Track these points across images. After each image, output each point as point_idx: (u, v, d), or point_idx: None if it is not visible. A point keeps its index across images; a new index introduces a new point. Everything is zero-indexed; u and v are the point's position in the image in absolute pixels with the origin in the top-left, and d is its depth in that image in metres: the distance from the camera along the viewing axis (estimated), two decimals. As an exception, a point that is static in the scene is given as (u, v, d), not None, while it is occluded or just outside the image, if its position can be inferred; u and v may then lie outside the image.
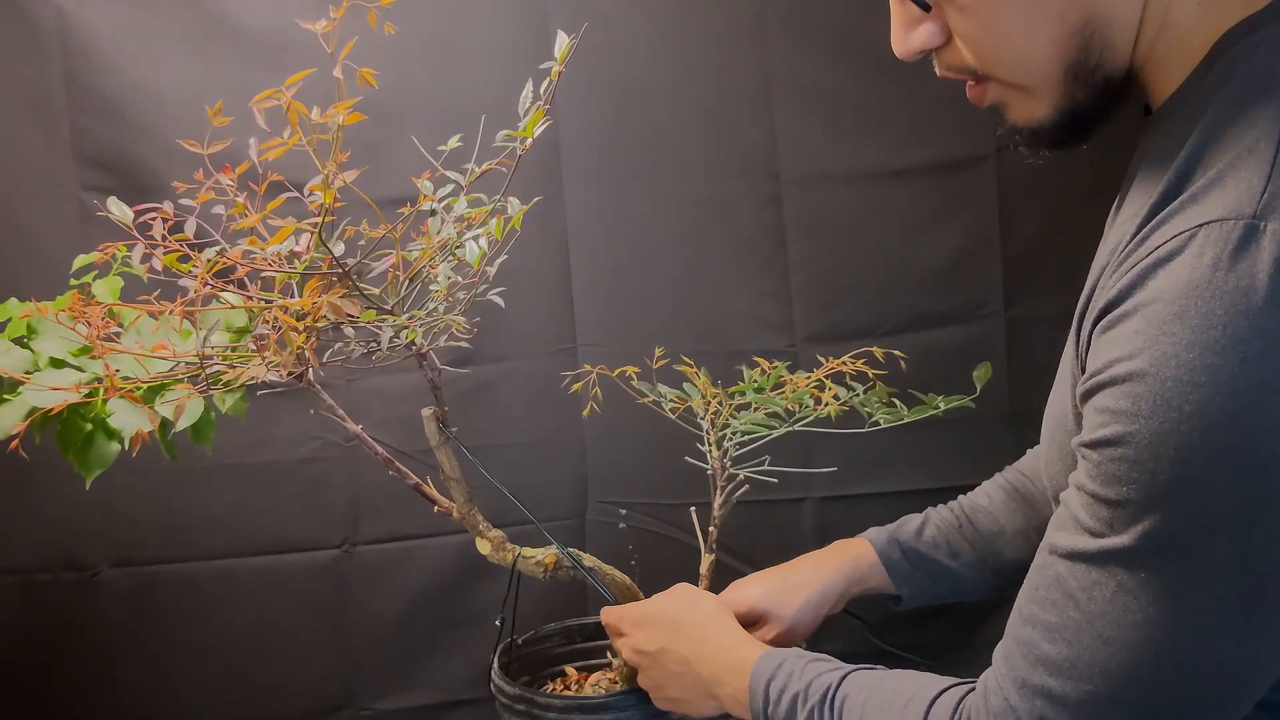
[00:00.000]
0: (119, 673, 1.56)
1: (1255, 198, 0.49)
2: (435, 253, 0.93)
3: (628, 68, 1.59)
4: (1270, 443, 0.46)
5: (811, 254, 1.62)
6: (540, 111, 0.89)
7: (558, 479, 1.63)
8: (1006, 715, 0.57)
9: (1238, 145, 0.52)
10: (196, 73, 1.50)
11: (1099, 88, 0.61)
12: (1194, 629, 0.50)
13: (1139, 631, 0.51)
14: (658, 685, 0.94)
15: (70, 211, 1.50)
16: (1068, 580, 0.54)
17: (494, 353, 1.58)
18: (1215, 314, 0.47)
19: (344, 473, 1.58)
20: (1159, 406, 0.48)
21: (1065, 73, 0.61)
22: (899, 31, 0.65)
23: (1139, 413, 0.49)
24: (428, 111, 1.53)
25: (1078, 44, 0.60)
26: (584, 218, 1.61)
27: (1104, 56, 0.60)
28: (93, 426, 0.90)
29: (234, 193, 0.84)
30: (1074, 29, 0.59)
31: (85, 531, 1.53)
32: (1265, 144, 0.51)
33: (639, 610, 0.97)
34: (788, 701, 0.75)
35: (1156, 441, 0.48)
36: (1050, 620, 0.55)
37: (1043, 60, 0.60)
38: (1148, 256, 0.51)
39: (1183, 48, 0.59)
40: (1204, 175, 0.53)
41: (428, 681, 1.63)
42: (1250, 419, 0.46)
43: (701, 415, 1.07)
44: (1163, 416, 0.48)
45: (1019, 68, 0.62)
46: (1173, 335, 0.48)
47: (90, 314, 0.85)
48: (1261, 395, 0.46)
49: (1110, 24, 0.59)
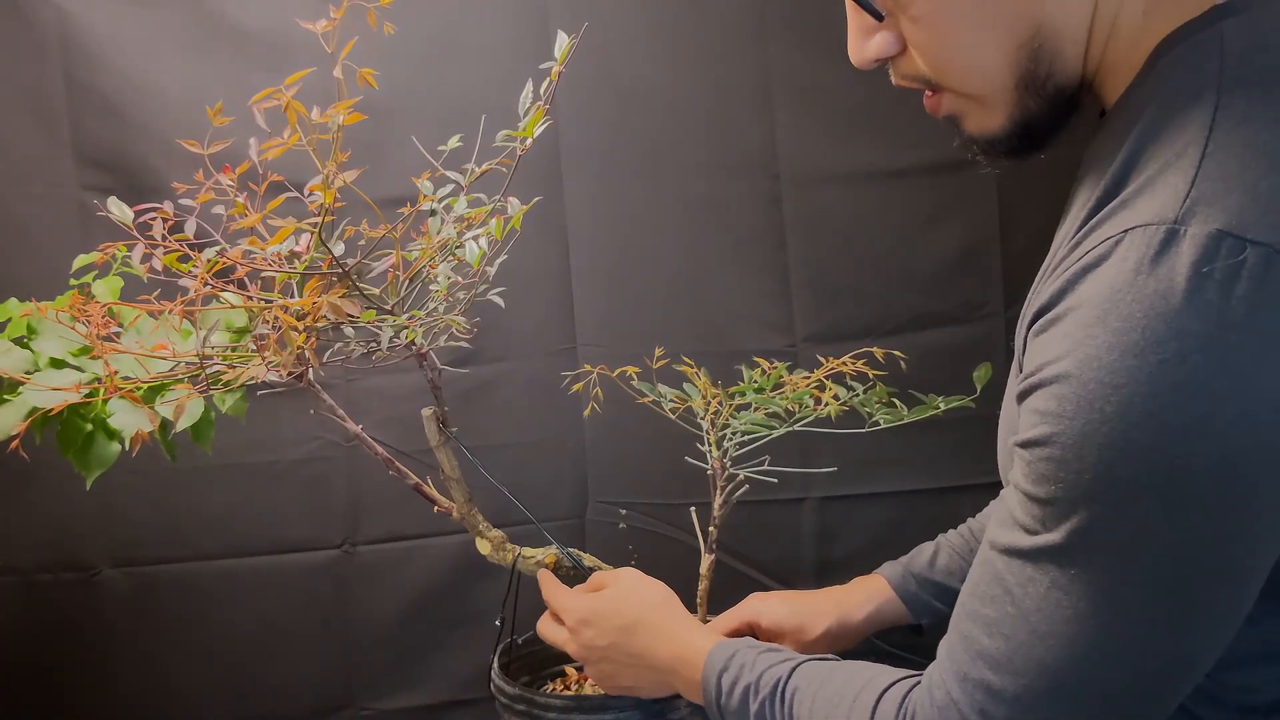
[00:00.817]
0: (119, 673, 1.56)
1: (1178, 203, 0.49)
2: (435, 253, 0.93)
3: (628, 68, 1.59)
4: (1189, 442, 0.47)
5: (811, 254, 1.62)
6: (540, 111, 0.89)
7: (558, 479, 1.63)
8: (949, 709, 0.58)
9: (1168, 152, 0.53)
10: (196, 73, 1.50)
11: (1051, 98, 0.62)
12: (1123, 624, 0.51)
13: (1071, 627, 0.52)
14: (609, 676, 0.93)
15: (70, 211, 1.50)
16: (1005, 576, 0.55)
17: (494, 353, 1.58)
18: (1135, 317, 0.48)
19: (344, 473, 1.58)
20: (1082, 408, 0.49)
21: (1017, 83, 0.61)
22: (855, 39, 0.67)
23: (1064, 414, 0.50)
24: (428, 111, 1.53)
25: (1028, 55, 0.60)
26: (584, 218, 1.61)
27: (1054, 67, 0.61)
28: (93, 427, 0.90)
29: (234, 193, 0.84)
30: (1023, 40, 0.59)
31: (85, 531, 1.53)
32: (1192, 150, 0.52)
33: (584, 608, 0.95)
34: (739, 694, 0.75)
35: (1080, 441, 0.49)
36: (989, 615, 0.56)
37: (994, 71, 0.61)
38: (1078, 262, 0.52)
39: (1129, 55, 0.60)
40: (1135, 181, 0.54)
41: (428, 681, 1.63)
42: (1170, 419, 0.47)
43: (701, 415, 1.07)
44: (1086, 417, 0.49)
45: (971, 78, 0.63)
46: (1095, 339, 0.49)
47: (90, 314, 0.85)
48: (1180, 396, 0.47)
49: (1059, 35, 0.59)
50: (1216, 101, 0.53)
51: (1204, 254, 0.47)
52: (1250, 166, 0.50)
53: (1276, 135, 0.51)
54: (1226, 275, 0.47)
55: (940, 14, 0.61)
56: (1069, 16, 0.59)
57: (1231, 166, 0.50)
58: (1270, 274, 0.47)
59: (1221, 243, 0.47)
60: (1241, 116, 0.52)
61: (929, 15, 0.61)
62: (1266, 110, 0.52)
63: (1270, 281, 0.47)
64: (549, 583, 1.01)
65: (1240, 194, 0.49)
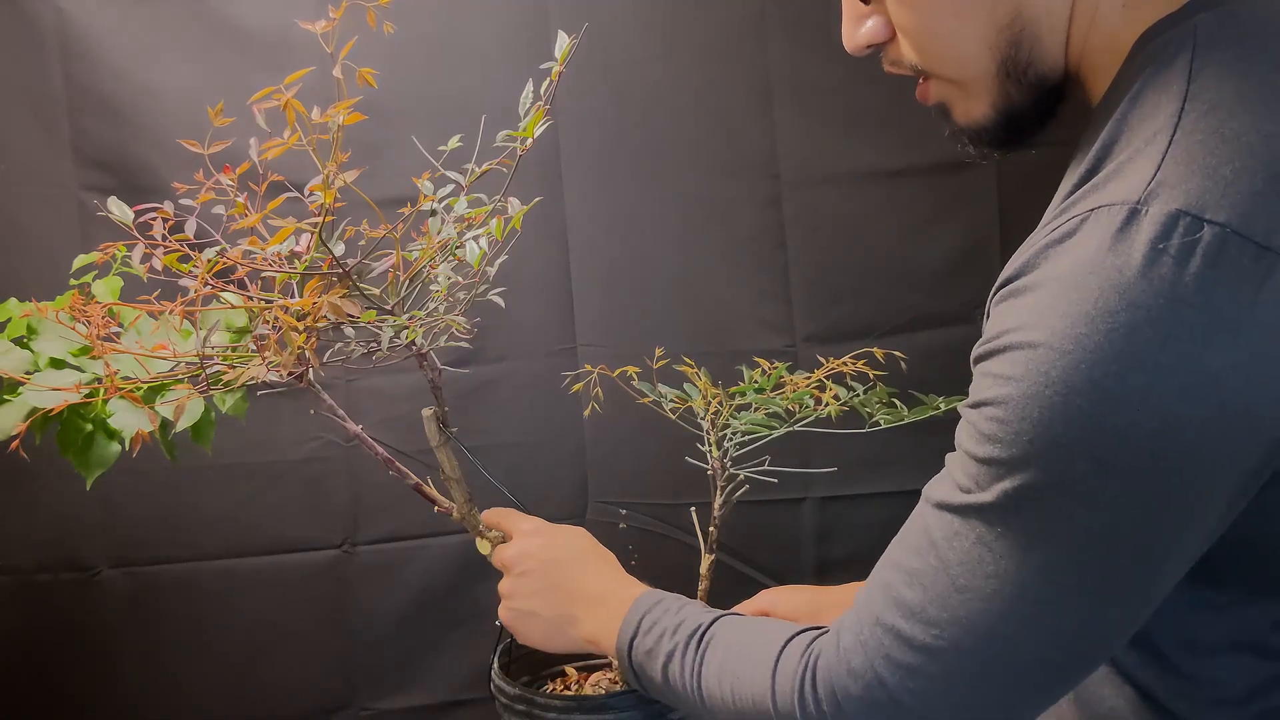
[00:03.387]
0: (119, 673, 1.56)
1: (1143, 185, 0.50)
2: (435, 253, 0.93)
3: (628, 68, 1.59)
4: (1128, 412, 0.48)
5: (811, 254, 1.62)
6: (540, 111, 0.89)
7: (558, 479, 1.63)
8: (855, 651, 0.59)
9: (1139, 139, 0.54)
10: (196, 73, 1.50)
11: (1033, 86, 0.63)
12: (1042, 588, 0.52)
13: (990, 583, 0.53)
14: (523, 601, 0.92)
15: (70, 211, 1.50)
16: (933, 529, 0.56)
17: (494, 353, 1.58)
18: (1090, 288, 0.49)
19: (344, 473, 1.59)
20: (1030, 371, 0.50)
21: (999, 69, 0.62)
22: (848, 26, 0.67)
23: (1014, 376, 0.51)
24: (428, 111, 1.53)
25: (1008, 39, 0.61)
26: (584, 218, 1.61)
27: (1035, 54, 0.61)
28: (93, 427, 0.90)
29: (234, 193, 0.84)
30: (1003, 24, 0.61)
31: (85, 531, 1.53)
32: (1161, 136, 0.53)
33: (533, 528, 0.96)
34: (654, 635, 0.77)
35: (1025, 404, 0.50)
36: (912, 565, 0.57)
37: (976, 55, 0.62)
38: (1045, 237, 0.53)
39: (1110, 49, 0.61)
40: (1107, 167, 0.55)
41: (428, 681, 1.63)
42: (1112, 387, 0.48)
43: (701, 415, 1.07)
44: (1032, 380, 0.50)
45: (954, 63, 0.64)
46: (1053, 308, 0.50)
47: (90, 314, 0.85)
48: (1123, 365, 0.48)
49: (1038, 21, 0.61)
50: (1186, 91, 0.54)
51: (1161, 231, 0.48)
52: (1214, 152, 0.51)
53: (1242, 122, 0.52)
54: (1181, 252, 0.47)
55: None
56: (1049, 4, 0.60)
57: (1196, 151, 0.51)
58: (1224, 253, 0.47)
59: (1179, 221, 0.48)
60: (1210, 105, 0.53)
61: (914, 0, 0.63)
62: (1234, 99, 0.53)
63: (1223, 261, 0.47)
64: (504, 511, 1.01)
65: (1202, 177, 0.50)
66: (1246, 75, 0.54)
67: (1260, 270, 0.47)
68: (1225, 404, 0.48)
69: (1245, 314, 0.47)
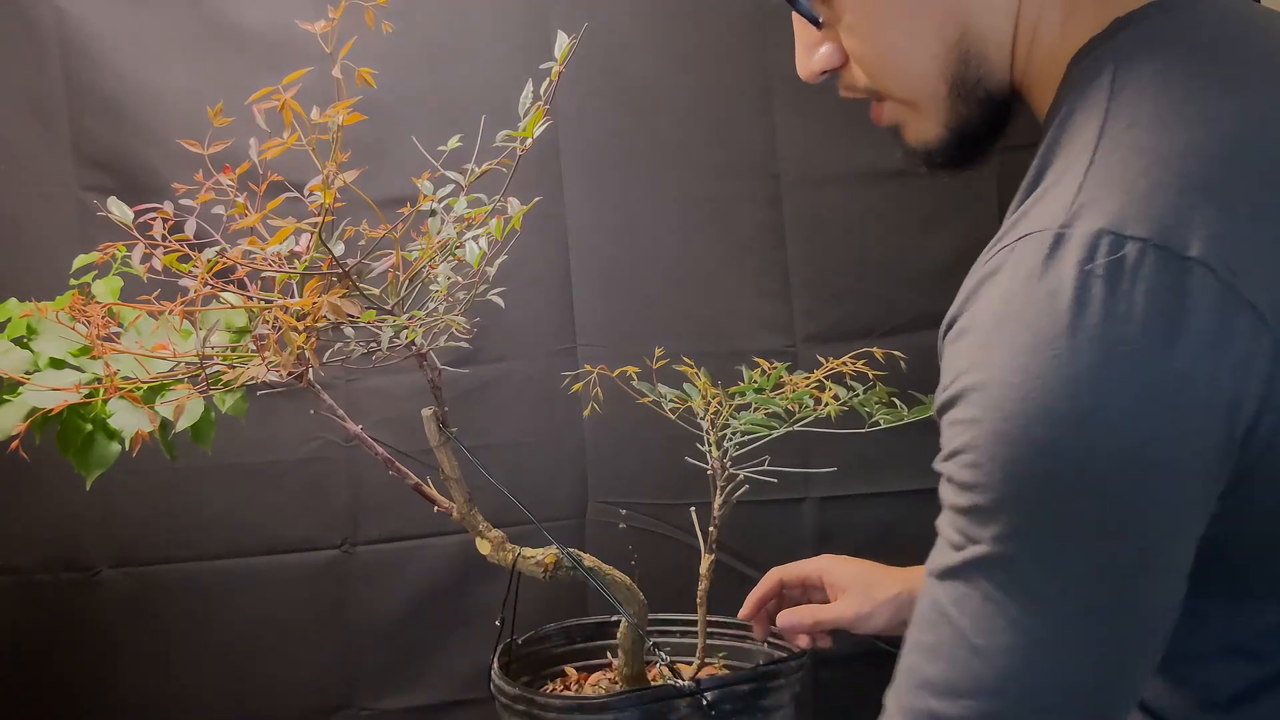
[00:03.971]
0: (119, 673, 1.56)
1: (1066, 208, 0.51)
2: (435, 253, 0.93)
3: (628, 68, 1.59)
4: (1084, 434, 0.48)
5: (811, 254, 1.62)
6: (540, 111, 0.89)
7: (558, 479, 1.63)
8: None
9: (1065, 161, 0.55)
10: (196, 73, 1.50)
11: (982, 104, 0.64)
12: (1056, 630, 0.51)
13: (1005, 637, 0.52)
14: None
15: (70, 211, 1.49)
16: (941, 599, 0.54)
17: (494, 353, 1.57)
18: (1028, 318, 0.49)
19: (344, 473, 1.58)
20: (988, 411, 0.50)
21: (949, 88, 0.63)
22: (801, 54, 0.69)
23: (974, 419, 0.51)
24: (428, 111, 1.53)
25: (957, 58, 0.62)
26: (584, 218, 1.61)
27: (983, 71, 0.63)
28: (93, 427, 0.90)
29: (234, 193, 0.84)
30: (951, 42, 0.62)
31: (85, 531, 1.53)
32: (1083, 157, 0.54)
33: None
34: None
35: (990, 444, 0.50)
36: (929, 642, 0.55)
37: (926, 75, 0.63)
38: (979, 272, 0.54)
39: (1050, 67, 0.62)
40: (1036, 192, 0.56)
41: (428, 681, 1.63)
42: (1064, 412, 0.48)
43: (701, 415, 1.07)
44: (991, 419, 0.50)
45: (906, 83, 0.65)
46: (997, 344, 0.50)
47: (90, 314, 0.85)
48: (1071, 389, 0.48)
49: (984, 39, 0.62)
50: (1107, 110, 0.55)
51: (1086, 253, 0.49)
52: (1131, 166, 0.51)
53: (1157, 135, 0.52)
54: (1108, 270, 0.48)
55: (872, 20, 0.64)
56: (993, 21, 0.61)
57: (1115, 169, 0.51)
58: (1143, 265, 0.48)
59: (1101, 240, 0.49)
60: (1129, 121, 0.54)
61: (862, 22, 0.64)
62: (1152, 113, 0.53)
63: (1145, 274, 0.48)
64: None
65: (1121, 194, 0.50)
66: (1166, 87, 0.54)
67: (1183, 280, 0.48)
68: (1174, 413, 0.48)
69: (1175, 324, 0.47)
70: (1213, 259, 0.48)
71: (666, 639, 1.17)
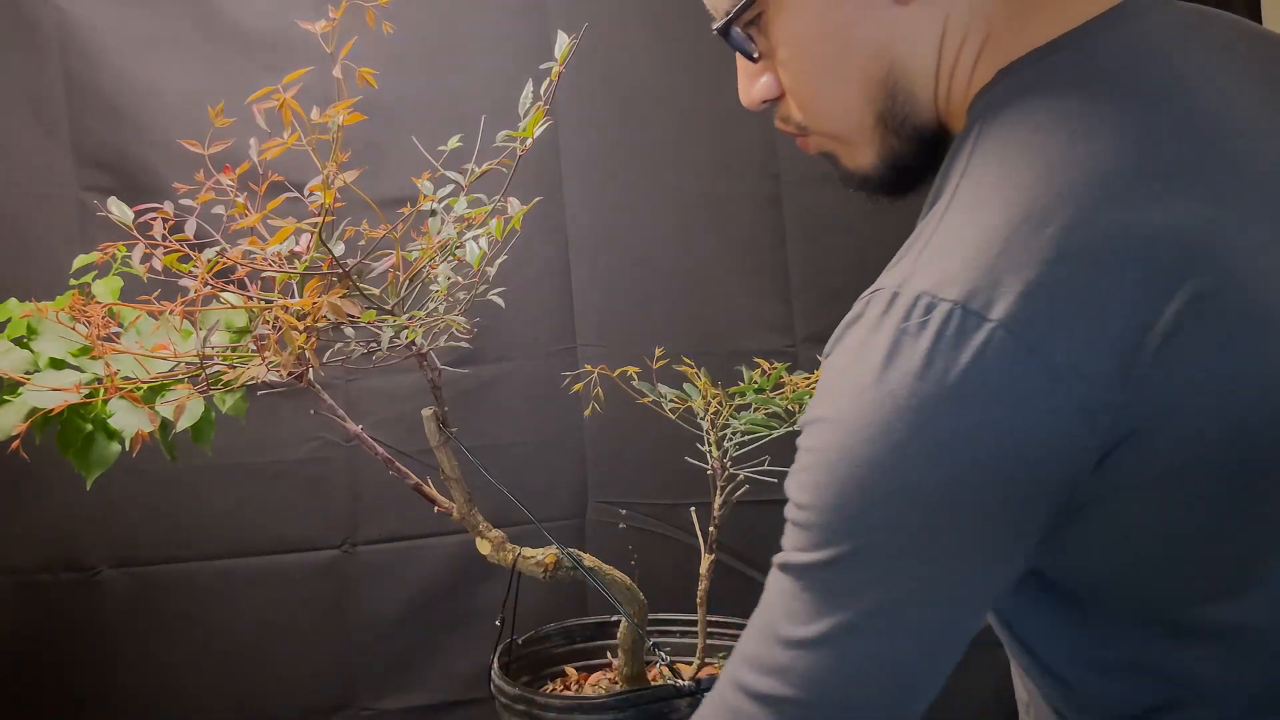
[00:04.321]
0: (119, 673, 1.56)
1: (908, 268, 0.56)
2: (435, 253, 0.93)
3: (628, 68, 1.59)
4: (887, 478, 0.53)
5: (811, 254, 1.62)
6: (540, 111, 0.89)
7: (558, 479, 1.63)
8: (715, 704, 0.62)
9: (927, 218, 0.59)
10: (196, 73, 1.50)
11: (912, 138, 0.66)
12: (850, 639, 0.56)
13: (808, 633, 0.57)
14: None
15: (70, 211, 1.49)
16: (771, 585, 0.60)
17: (494, 353, 1.58)
18: (856, 368, 0.55)
19: (344, 473, 1.58)
20: (819, 441, 0.56)
21: (877, 122, 0.65)
22: (743, 83, 0.71)
23: (811, 447, 0.57)
24: (428, 111, 1.53)
25: (884, 94, 0.64)
26: (584, 218, 1.61)
27: (910, 108, 0.65)
28: (93, 427, 0.90)
29: (234, 193, 0.84)
30: (878, 79, 0.64)
31: (85, 531, 1.53)
32: (936, 216, 0.57)
33: None
34: None
35: (818, 471, 0.56)
36: (756, 621, 0.61)
37: (855, 110, 0.65)
38: (850, 314, 0.59)
39: (961, 109, 0.63)
40: (907, 244, 0.59)
41: (428, 681, 1.63)
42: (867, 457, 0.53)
43: (701, 415, 1.07)
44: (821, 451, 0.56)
45: (836, 118, 0.67)
46: (840, 383, 0.56)
47: (90, 314, 0.85)
48: (874, 436, 0.53)
49: (910, 77, 0.64)
50: (965, 168, 0.58)
51: (905, 312, 0.53)
52: (965, 228, 0.55)
53: (990, 196, 0.55)
54: (918, 330, 0.53)
55: (803, 57, 0.66)
56: (918, 61, 0.63)
57: (953, 231, 0.55)
58: (948, 327, 0.52)
59: (919, 301, 0.53)
60: (975, 180, 0.57)
61: (793, 59, 0.66)
62: (997, 172, 0.56)
63: (948, 334, 0.52)
64: None
65: (948, 257, 0.54)
66: (1009, 142, 0.57)
67: (983, 341, 0.51)
68: (963, 464, 0.52)
69: (968, 382, 0.51)
70: (1014, 321, 0.50)
71: (666, 639, 1.17)
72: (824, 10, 0.63)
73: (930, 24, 0.62)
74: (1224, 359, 0.52)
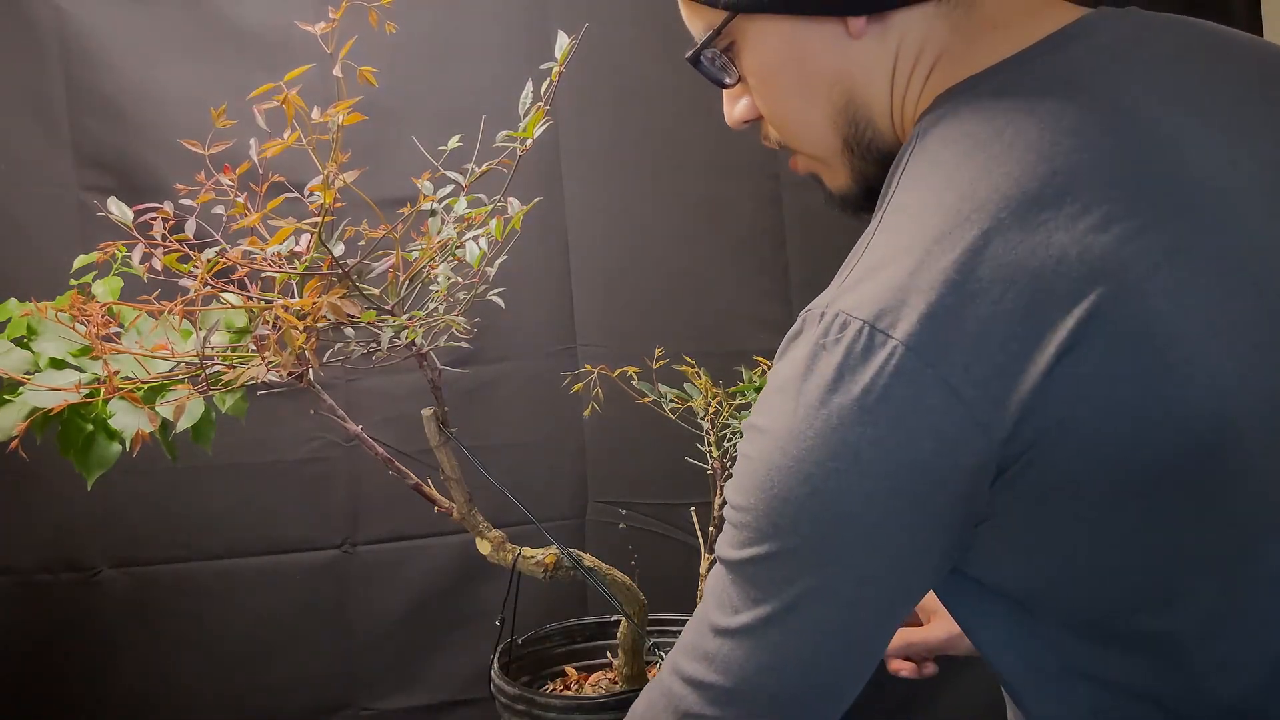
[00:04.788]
0: (119, 673, 1.56)
1: (835, 289, 0.58)
2: (435, 253, 0.93)
3: (628, 68, 1.59)
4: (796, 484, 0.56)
5: (811, 254, 1.62)
6: (540, 111, 0.89)
7: (558, 479, 1.63)
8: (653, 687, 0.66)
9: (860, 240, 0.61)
10: (196, 73, 1.50)
11: (878, 161, 0.68)
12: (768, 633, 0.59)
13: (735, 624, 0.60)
14: None
15: (70, 211, 1.50)
16: (711, 578, 0.63)
17: (494, 353, 1.58)
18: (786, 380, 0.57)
19: (344, 473, 1.58)
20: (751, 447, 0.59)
21: (844, 147, 0.68)
22: (727, 104, 0.74)
23: (745, 453, 0.60)
24: (428, 111, 1.53)
25: (846, 119, 0.67)
26: (584, 218, 1.61)
27: (872, 133, 0.67)
28: (93, 427, 0.90)
29: (234, 193, 0.84)
30: (840, 106, 0.66)
31: (85, 531, 1.53)
32: (866, 238, 0.60)
33: None
34: None
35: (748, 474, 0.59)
36: (698, 611, 0.64)
37: (823, 134, 0.68)
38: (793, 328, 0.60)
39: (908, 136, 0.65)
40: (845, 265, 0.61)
41: (428, 681, 1.63)
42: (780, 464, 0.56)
43: (701, 415, 1.07)
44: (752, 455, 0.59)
45: (806, 141, 0.70)
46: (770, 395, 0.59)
47: (90, 314, 0.85)
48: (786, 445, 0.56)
49: (869, 104, 0.66)
50: (893, 192, 0.60)
51: (823, 330, 0.56)
52: (884, 252, 0.57)
53: (908, 222, 0.57)
54: (829, 347, 0.55)
55: (770, 86, 0.68)
56: (873, 87, 0.65)
57: (876, 253, 0.57)
58: (856, 344, 0.54)
59: (836, 320, 0.56)
60: (898, 205, 0.59)
61: (762, 85, 0.69)
62: (917, 198, 0.58)
63: (855, 351, 0.54)
64: None
65: (866, 280, 0.56)
66: (934, 163, 0.59)
67: (885, 358, 0.53)
68: (874, 473, 0.54)
69: (872, 395, 0.54)
70: (915, 340, 0.53)
71: (666, 639, 1.17)
72: (782, 44, 0.66)
73: (882, 54, 0.64)
74: (1124, 371, 0.53)
